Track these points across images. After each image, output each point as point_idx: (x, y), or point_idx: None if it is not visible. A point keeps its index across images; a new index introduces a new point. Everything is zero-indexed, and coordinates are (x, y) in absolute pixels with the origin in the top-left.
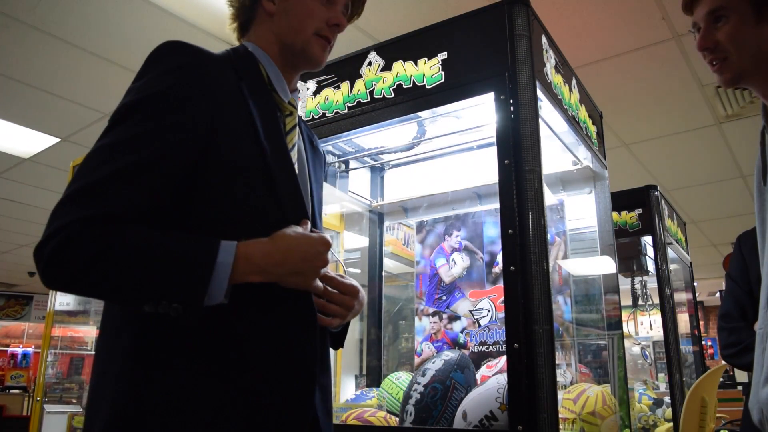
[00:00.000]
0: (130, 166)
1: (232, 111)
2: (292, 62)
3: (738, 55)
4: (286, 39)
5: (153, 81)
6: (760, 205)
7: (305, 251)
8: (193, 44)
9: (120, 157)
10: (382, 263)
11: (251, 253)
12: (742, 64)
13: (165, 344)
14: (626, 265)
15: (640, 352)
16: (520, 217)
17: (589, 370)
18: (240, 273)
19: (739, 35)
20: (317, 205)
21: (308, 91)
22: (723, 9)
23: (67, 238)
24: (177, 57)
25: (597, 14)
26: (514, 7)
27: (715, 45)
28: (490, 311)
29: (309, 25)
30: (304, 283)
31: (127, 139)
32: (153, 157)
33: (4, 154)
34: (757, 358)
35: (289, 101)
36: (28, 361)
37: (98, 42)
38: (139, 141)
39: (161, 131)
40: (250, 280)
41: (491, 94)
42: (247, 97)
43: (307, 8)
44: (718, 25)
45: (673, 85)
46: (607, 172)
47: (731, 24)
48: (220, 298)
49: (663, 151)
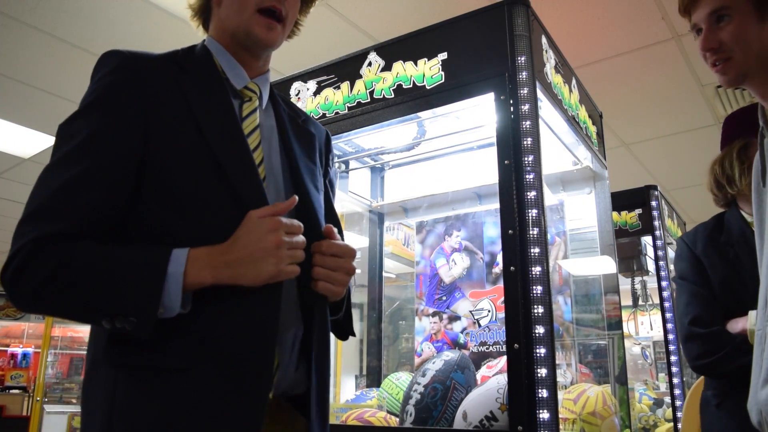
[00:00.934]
0: (73, 181)
1: (167, 106)
2: (244, 47)
3: (743, 54)
4: (231, 24)
5: (88, 91)
6: (758, 207)
7: (249, 235)
8: (131, 50)
9: (64, 172)
10: (382, 263)
11: (199, 254)
12: (747, 64)
13: (133, 347)
14: (626, 265)
15: (641, 352)
16: (520, 218)
17: (589, 370)
18: (192, 277)
19: (743, 34)
20: (309, 182)
21: (308, 91)
22: (725, 9)
23: (23, 260)
24: (107, 64)
25: (597, 14)
26: (514, 8)
27: (719, 45)
28: (490, 311)
29: (247, 3)
30: (263, 271)
31: (68, 155)
32: (93, 167)
33: (5, 154)
34: (756, 359)
35: (246, 86)
36: (28, 361)
37: (98, 41)
38: (78, 154)
39: (96, 140)
40: (205, 282)
41: (491, 94)
42: (188, 90)
43: None
44: (720, 25)
45: (673, 85)
46: (607, 172)
47: (735, 23)
48: (177, 308)
49: (663, 151)
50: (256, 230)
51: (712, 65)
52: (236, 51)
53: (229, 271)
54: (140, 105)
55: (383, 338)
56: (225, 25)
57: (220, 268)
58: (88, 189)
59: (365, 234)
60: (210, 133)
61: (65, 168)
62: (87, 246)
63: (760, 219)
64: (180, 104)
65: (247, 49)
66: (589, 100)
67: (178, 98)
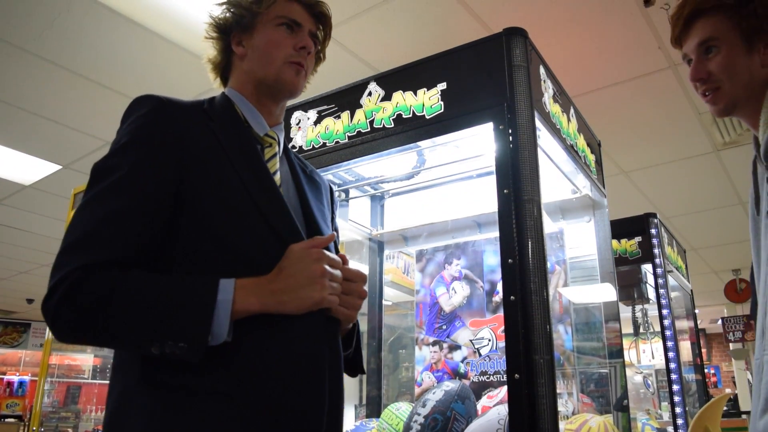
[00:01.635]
0: (115, 213)
1: (201, 144)
2: (268, 94)
3: (731, 84)
4: (259, 73)
5: (122, 132)
6: (754, 235)
7: (294, 264)
8: (162, 95)
9: (105, 206)
10: (382, 292)
11: (245, 283)
12: (735, 94)
13: (176, 372)
14: (627, 293)
15: (642, 381)
16: (519, 247)
17: (590, 399)
18: (239, 305)
19: (731, 65)
20: (323, 224)
21: (309, 120)
22: (714, 39)
23: (71, 286)
24: (142, 106)
25: (594, 44)
26: (512, 38)
27: (708, 75)
28: (490, 340)
29: (278, 55)
30: (308, 298)
31: (107, 189)
32: (133, 201)
33: (5, 181)
34: (755, 388)
35: (267, 134)
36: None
37: (100, 70)
38: (118, 189)
39: (134, 175)
40: (251, 309)
41: (490, 123)
42: (218, 133)
43: (273, 40)
44: (709, 56)
45: (671, 113)
46: (606, 200)
47: (723, 54)
48: (224, 335)
49: (662, 178)
50: (301, 260)
51: (703, 95)
52: (259, 99)
53: (275, 298)
54: (175, 142)
55: (383, 367)
56: (250, 76)
57: (266, 296)
58: (130, 221)
59: (365, 262)
60: (242, 171)
61: (105, 202)
62: (136, 274)
63: (756, 248)
64: (212, 143)
65: (271, 96)
66: (588, 128)
67: (210, 138)
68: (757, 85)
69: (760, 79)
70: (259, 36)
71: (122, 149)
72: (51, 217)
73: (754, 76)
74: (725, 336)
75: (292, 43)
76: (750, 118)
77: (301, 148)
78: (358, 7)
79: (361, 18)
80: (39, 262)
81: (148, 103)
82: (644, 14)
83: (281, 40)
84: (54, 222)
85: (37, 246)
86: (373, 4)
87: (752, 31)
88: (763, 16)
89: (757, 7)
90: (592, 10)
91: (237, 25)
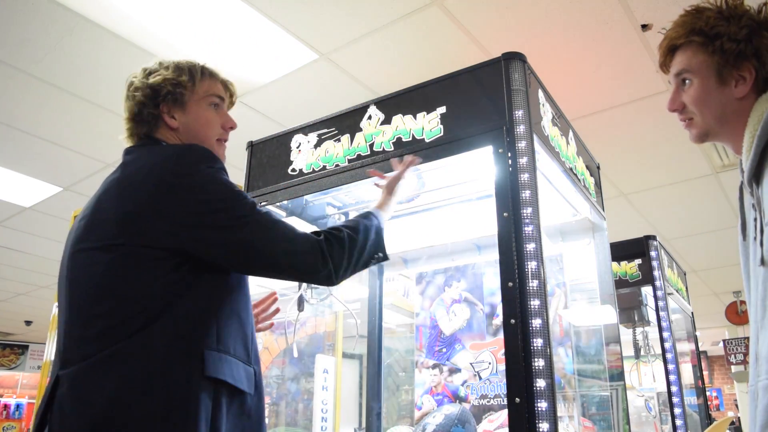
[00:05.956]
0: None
1: None
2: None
3: (702, 116)
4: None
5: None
6: (744, 261)
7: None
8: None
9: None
10: (381, 315)
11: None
12: (707, 125)
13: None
14: (627, 315)
15: (644, 405)
16: (519, 270)
17: (592, 423)
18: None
19: (702, 98)
20: None
21: (309, 144)
22: (687, 72)
23: (328, 248)
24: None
25: (592, 67)
26: (510, 63)
27: (682, 107)
28: (491, 363)
29: (210, 134)
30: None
31: (266, 213)
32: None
33: (5, 202)
34: (750, 414)
35: None
36: (21, 412)
37: (101, 92)
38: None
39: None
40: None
41: (489, 147)
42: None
43: (205, 119)
44: (684, 87)
45: (669, 135)
46: (605, 222)
47: (695, 87)
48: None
49: (661, 200)
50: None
51: (681, 121)
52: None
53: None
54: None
55: (383, 390)
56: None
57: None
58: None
59: (365, 285)
60: None
61: (271, 216)
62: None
63: (746, 273)
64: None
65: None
66: (586, 151)
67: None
68: (730, 116)
69: (732, 111)
70: (192, 114)
71: (241, 191)
72: (51, 239)
73: (727, 109)
74: (727, 358)
75: (221, 122)
76: (732, 144)
77: (301, 171)
78: (358, 31)
79: (361, 42)
80: (38, 284)
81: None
82: (642, 38)
83: (211, 119)
84: (54, 244)
85: (37, 268)
86: (374, 28)
87: (722, 66)
88: (729, 52)
89: (725, 42)
90: (591, 34)
91: (167, 97)
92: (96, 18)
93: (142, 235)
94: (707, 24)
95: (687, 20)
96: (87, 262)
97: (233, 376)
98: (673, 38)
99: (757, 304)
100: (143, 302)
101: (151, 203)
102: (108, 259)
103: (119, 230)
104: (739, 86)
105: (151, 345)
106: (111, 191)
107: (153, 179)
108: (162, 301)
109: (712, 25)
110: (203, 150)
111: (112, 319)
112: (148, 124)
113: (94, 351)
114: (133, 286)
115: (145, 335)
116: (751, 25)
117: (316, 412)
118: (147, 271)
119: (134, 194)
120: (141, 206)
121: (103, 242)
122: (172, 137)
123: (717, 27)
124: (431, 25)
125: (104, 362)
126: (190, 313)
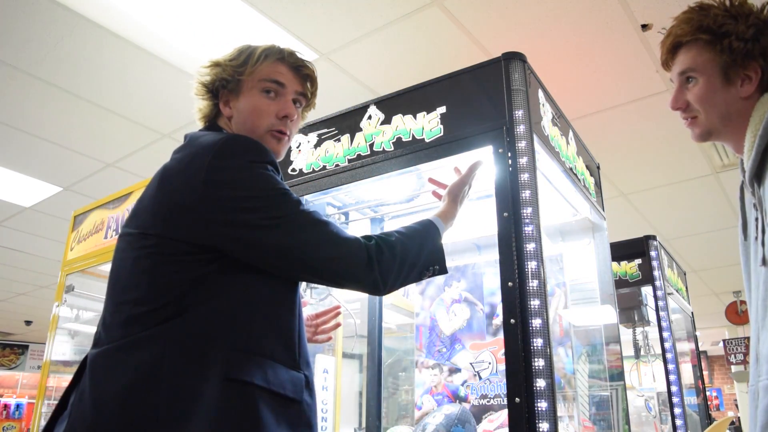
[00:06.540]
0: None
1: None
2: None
3: (706, 115)
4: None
5: (268, 173)
6: (744, 261)
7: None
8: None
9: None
10: (381, 315)
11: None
12: (711, 124)
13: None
14: (627, 315)
15: (644, 405)
16: (519, 270)
17: (592, 423)
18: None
19: (707, 97)
20: None
21: (309, 143)
22: (692, 70)
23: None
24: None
25: (592, 67)
26: (510, 63)
27: (685, 105)
28: (491, 363)
29: (260, 125)
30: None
31: (311, 213)
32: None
33: (5, 202)
34: (750, 415)
35: None
36: (21, 412)
37: (101, 93)
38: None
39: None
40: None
41: (489, 147)
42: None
43: (256, 107)
44: (688, 85)
45: (669, 135)
46: (605, 222)
47: (700, 86)
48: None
49: (661, 200)
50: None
51: (684, 119)
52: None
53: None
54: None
55: (383, 390)
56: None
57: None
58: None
59: None
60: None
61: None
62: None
63: (747, 273)
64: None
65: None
66: (586, 151)
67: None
68: (734, 115)
69: (736, 110)
70: (244, 101)
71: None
72: (51, 239)
73: (731, 108)
74: (727, 358)
75: (275, 111)
76: (733, 144)
77: (302, 171)
78: (358, 31)
79: (361, 42)
80: (38, 284)
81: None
82: (642, 38)
83: (264, 108)
84: (54, 244)
85: (37, 268)
86: (374, 28)
87: (729, 65)
88: (737, 51)
89: (733, 41)
90: (591, 34)
91: (224, 86)
92: (96, 18)
93: (173, 227)
94: (715, 22)
95: (693, 17)
96: (125, 246)
97: (267, 379)
98: (679, 35)
99: (757, 304)
100: (168, 296)
101: (182, 196)
102: (140, 246)
103: (153, 220)
104: (745, 86)
105: (170, 339)
106: (156, 177)
107: (189, 171)
108: (187, 297)
109: (720, 23)
110: (247, 142)
111: (136, 308)
112: (211, 114)
113: (118, 337)
114: (160, 279)
115: (166, 328)
116: (758, 24)
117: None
118: (175, 264)
119: (170, 184)
120: (173, 198)
121: (140, 230)
122: (227, 126)
123: (725, 25)
124: (431, 25)
125: (122, 349)
126: (217, 311)
